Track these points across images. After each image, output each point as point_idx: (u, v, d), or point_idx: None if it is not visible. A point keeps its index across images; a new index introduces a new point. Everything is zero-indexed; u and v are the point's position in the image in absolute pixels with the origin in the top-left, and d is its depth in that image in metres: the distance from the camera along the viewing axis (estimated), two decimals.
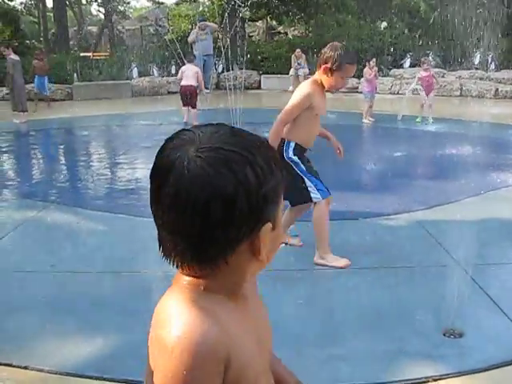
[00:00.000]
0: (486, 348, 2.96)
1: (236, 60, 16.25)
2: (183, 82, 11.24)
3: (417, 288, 3.72)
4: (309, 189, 3.97)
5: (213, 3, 26.59)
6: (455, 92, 16.79)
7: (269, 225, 1.01)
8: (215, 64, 17.81)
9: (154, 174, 1.00)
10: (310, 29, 24.12)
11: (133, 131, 11.35)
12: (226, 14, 18.78)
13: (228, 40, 16.58)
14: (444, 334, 3.10)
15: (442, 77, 17.52)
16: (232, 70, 16.92)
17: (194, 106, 11.20)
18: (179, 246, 0.98)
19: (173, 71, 18.52)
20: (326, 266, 4.01)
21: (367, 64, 11.93)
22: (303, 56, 18.33)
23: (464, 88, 16.86)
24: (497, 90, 16.68)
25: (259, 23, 29.16)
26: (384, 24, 24.55)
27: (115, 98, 15.75)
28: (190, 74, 11.19)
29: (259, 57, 20.22)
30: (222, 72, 17.75)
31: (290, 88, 18.34)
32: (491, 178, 6.73)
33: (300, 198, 4.06)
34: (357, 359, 2.91)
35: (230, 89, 11.69)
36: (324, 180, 4.03)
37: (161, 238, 1.02)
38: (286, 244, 4.39)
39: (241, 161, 0.96)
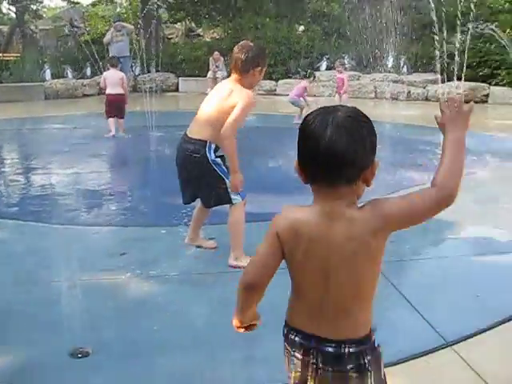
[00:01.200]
0: (396, 342, 3.00)
1: (153, 62, 16.04)
2: (109, 91, 10.03)
3: None
4: (228, 190, 3.94)
5: (130, 4, 26.17)
6: (370, 94, 17.28)
7: (378, 160, 1.63)
8: (132, 66, 17.53)
9: (312, 134, 1.56)
10: (229, 31, 24.16)
11: (45, 136, 10.91)
12: (144, 16, 18.52)
13: (145, 42, 16.36)
14: None
15: (357, 79, 17.99)
16: (149, 72, 16.70)
17: (122, 117, 10.08)
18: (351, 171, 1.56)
19: (88, 73, 18.07)
20: (241, 267, 3.98)
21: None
22: (221, 59, 18.32)
23: (378, 90, 17.37)
24: (409, 92, 17.28)
25: (178, 25, 28.95)
26: (301, 27, 24.94)
27: (27, 101, 15.13)
28: (115, 81, 10.00)
29: (177, 59, 20.07)
30: (139, 74, 17.49)
31: (208, 90, 18.28)
32: (404, 177, 6.95)
33: (219, 199, 4.03)
34: (275, 360, 2.88)
35: (147, 91, 11.50)
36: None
37: (327, 170, 1.55)
38: (200, 247, 4.35)
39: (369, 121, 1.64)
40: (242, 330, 1.89)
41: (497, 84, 17.46)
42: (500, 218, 5.44)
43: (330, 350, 1.65)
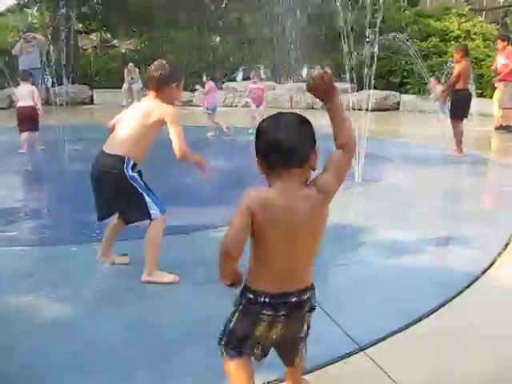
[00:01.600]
0: (310, 349, 3.01)
1: (66, 74, 15.60)
2: (20, 104, 9.86)
3: None
4: (148, 205, 3.88)
5: (42, 14, 25.42)
6: (286, 104, 17.53)
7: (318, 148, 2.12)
8: (43, 78, 16.97)
9: (270, 131, 2.07)
10: (145, 42, 23.92)
11: None
12: (55, 26, 18.03)
13: (57, 53, 15.90)
14: None
15: (273, 89, 18.22)
16: (62, 84, 16.24)
17: (36, 129, 9.85)
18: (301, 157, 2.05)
19: None
20: (155, 282, 3.92)
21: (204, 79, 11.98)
22: (136, 70, 18.13)
23: (294, 100, 17.65)
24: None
25: (93, 36, 28.38)
26: (217, 38, 25.02)
27: None
28: (25, 94, 9.85)
29: (92, 71, 19.68)
30: (52, 87, 16.97)
31: (124, 103, 18.01)
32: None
33: (138, 215, 3.97)
34: (195, 375, 2.84)
35: (61, 104, 11.16)
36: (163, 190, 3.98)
37: (285, 157, 2.03)
38: (114, 264, 4.24)
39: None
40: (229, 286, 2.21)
41: (407, 92, 18.15)
42: (411, 222, 5.63)
43: (293, 300, 2.14)
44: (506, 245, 4.86)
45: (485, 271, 4.25)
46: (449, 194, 7.01)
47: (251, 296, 2.15)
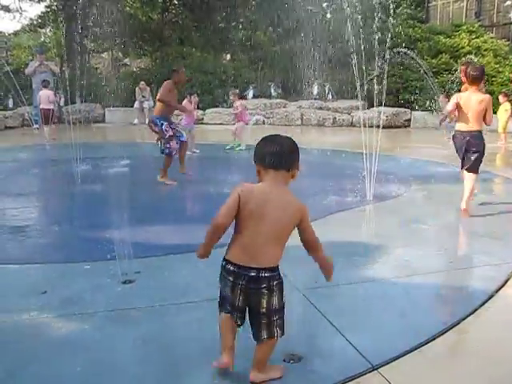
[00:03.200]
0: (324, 369, 3.01)
1: (79, 93, 15.76)
2: (42, 106, 14.14)
3: None
4: None
5: (54, 34, 25.73)
6: (296, 121, 17.58)
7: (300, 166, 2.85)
8: (57, 97, 17.15)
9: (268, 143, 2.84)
10: (157, 61, 24.12)
11: None
12: (68, 46, 18.22)
13: (70, 72, 16.07)
14: (284, 360, 3.11)
15: (284, 107, 18.29)
16: (75, 103, 16.40)
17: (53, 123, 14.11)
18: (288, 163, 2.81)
19: (10, 105, 17.58)
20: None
21: (187, 97, 11.96)
22: (147, 89, 18.26)
23: (305, 117, 17.71)
24: (335, 118, 17.71)
25: (105, 55, 28.68)
26: (227, 56, 25.21)
27: None
28: (44, 98, 14.18)
29: (103, 89, 19.84)
30: (65, 105, 17.15)
31: (135, 121, 18.15)
32: (328, 203, 7.05)
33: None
34: None
35: (73, 123, 11.25)
36: (152, 213, 3.97)
37: (277, 161, 2.78)
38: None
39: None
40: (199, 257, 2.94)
41: (418, 109, 18.15)
42: (424, 239, 5.59)
43: (253, 274, 2.74)
44: None
45: (499, 289, 4.21)
46: (461, 210, 6.97)
47: (224, 263, 2.85)
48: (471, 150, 6.01)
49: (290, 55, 18.94)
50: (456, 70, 17.49)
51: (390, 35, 8.76)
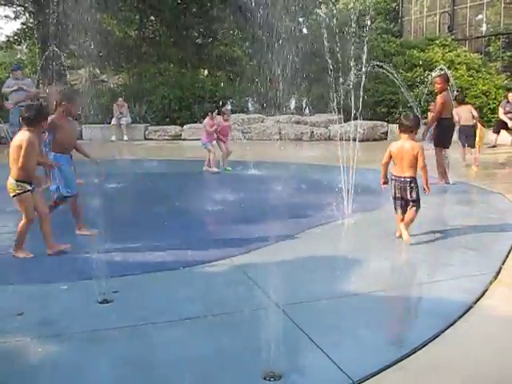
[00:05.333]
0: None
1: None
2: None
3: (238, 334, 3.70)
4: None
5: (30, 50, 25.61)
6: (274, 136, 17.64)
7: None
8: None
9: None
10: (134, 77, 24.09)
11: None
12: (44, 62, 18.11)
13: (47, 89, 15.93)
14: (264, 378, 3.08)
15: (262, 122, 18.35)
16: None
17: None
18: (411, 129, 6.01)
19: None
20: None
21: (209, 115, 11.66)
22: (125, 105, 18.22)
23: (282, 132, 17.77)
24: (312, 132, 17.81)
25: (82, 71, 28.55)
26: (205, 72, 25.28)
27: None
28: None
29: (80, 106, 19.70)
30: None
31: (113, 138, 18.06)
32: (307, 217, 7.06)
33: None
34: None
35: None
36: (130, 230, 3.94)
37: (406, 128, 5.96)
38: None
39: None
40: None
41: (394, 122, 18.34)
42: (402, 252, 5.64)
43: (402, 179, 5.88)
44: (497, 273, 4.86)
45: (477, 300, 4.24)
46: (438, 222, 7.02)
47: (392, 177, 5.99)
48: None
49: (267, 70, 19.02)
50: (430, 83, 17.77)
51: (365, 49, 8.86)
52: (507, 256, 5.34)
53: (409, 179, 5.82)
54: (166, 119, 19.35)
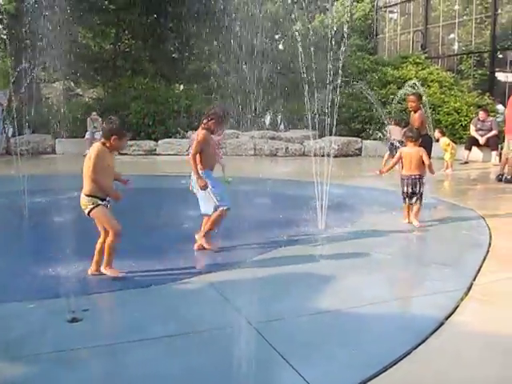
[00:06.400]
0: None
1: (28, 123, 15.49)
2: None
3: (209, 352, 3.65)
4: None
5: (3, 62, 25.35)
6: (249, 151, 17.68)
7: None
8: (4, 128, 16.84)
9: None
10: (109, 91, 23.97)
11: None
12: (17, 75, 17.90)
13: (19, 102, 15.77)
14: None
15: (237, 137, 18.37)
16: (23, 134, 16.11)
17: None
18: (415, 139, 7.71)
19: None
20: None
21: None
22: (99, 119, 18.10)
23: (257, 147, 17.82)
24: (287, 148, 17.89)
25: (56, 84, 28.35)
26: (181, 87, 25.26)
27: None
28: None
29: (54, 120, 19.54)
30: (13, 136, 16.81)
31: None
32: (281, 234, 7.02)
33: None
34: None
35: (22, 154, 11.01)
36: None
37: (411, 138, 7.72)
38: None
39: None
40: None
41: (368, 138, 18.53)
42: (375, 268, 5.64)
43: (413, 177, 7.51)
44: (468, 289, 4.89)
45: (448, 316, 4.26)
46: (411, 238, 7.07)
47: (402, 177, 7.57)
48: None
49: (242, 85, 19.09)
50: (404, 100, 18.02)
51: (340, 66, 8.93)
52: (478, 272, 5.38)
53: (418, 176, 7.47)
54: (141, 134, 19.25)
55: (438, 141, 14.11)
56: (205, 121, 6.17)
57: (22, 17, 18.97)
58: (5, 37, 24.41)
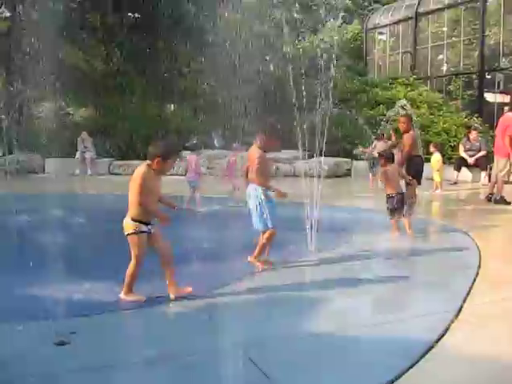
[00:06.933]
0: None
1: (17, 142, 15.42)
2: None
3: (196, 375, 3.59)
4: None
5: None
6: (239, 172, 17.64)
7: None
8: None
9: None
10: (101, 110, 23.97)
11: None
12: (8, 94, 17.91)
13: (9, 121, 15.74)
14: None
15: (225, 157, 18.35)
16: (12, 153, 16.03)
17: None
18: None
19: None
20: None
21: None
22: (90, 139, 18.08)
23: None
24: (277, 168, 17.90)
25: (46, 103, 28.27)
26: (171, 107, 25.30)
27: None
28: None
29: (44, 139, 19.49)
30: (2, 155, 16.74)
31: (77, 171, 17.87)
32: (269, 255, 6.99)
33: None
34: None
35: (11, 173, 10.96)
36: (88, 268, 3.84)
37: None
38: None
39: None
40: None
41: (357, 158, 18.61)
42: (364, 290, 5.61)
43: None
44: (459, 311, 4.88)
45: (439, 339, 4.23)
46: (401, 259, 7.07)
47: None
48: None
49: (232, 105, 19.15)
50: (394, 121, 18.15)
51: (331, 87, 8.99)
52: (468, 294, 5.37)
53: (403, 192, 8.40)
54: (130, 153, 19.20)
55: (431, 154, 14.23)
56: (260, 140, 6.21)
57: (14, 36, 19.02)
58: None
